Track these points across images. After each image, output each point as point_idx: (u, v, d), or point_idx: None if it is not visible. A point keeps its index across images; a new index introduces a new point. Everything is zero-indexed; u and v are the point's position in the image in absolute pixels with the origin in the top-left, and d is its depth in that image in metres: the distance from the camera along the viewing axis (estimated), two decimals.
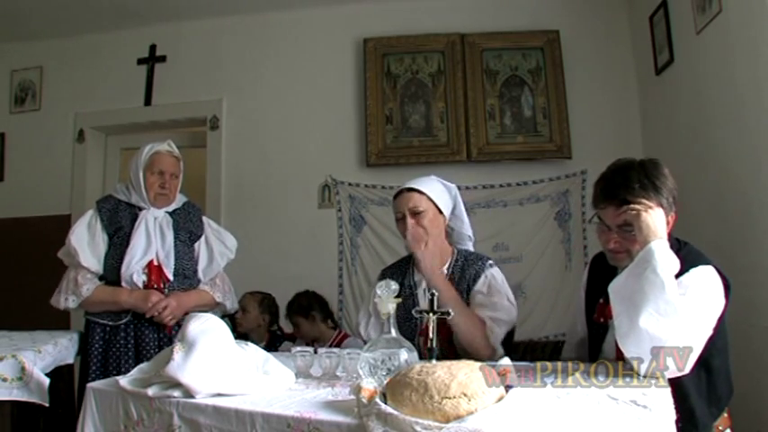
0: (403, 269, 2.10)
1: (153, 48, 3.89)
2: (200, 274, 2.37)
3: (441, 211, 2.01)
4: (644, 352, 1.34)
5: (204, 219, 2.45)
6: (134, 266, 2.18)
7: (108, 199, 2.36)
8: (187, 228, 2.35)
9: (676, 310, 1.33)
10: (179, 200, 2.40)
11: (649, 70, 3.22)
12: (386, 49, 3.60)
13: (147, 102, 3.87)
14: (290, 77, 3.73)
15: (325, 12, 3.72)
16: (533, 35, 3.51)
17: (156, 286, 2.20)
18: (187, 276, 2.30)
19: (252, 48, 3.79)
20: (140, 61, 3.89)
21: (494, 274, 1.98)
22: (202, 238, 2.39)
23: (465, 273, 1.99)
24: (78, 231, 2.26)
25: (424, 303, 1.93)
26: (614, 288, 1.44)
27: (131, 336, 2.21)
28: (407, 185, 2.03)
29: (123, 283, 2.17)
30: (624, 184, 1.51)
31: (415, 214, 1.97)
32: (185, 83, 3.82)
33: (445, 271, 2.01)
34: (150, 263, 2.22)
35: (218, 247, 2.41)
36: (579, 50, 3.50)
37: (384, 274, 2.11)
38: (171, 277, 2.23)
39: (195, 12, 3.75)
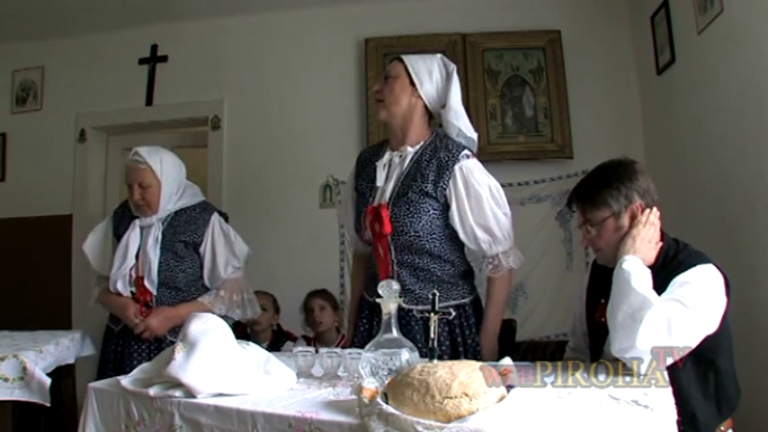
0: (378, 148, 2.08)
1: (154, 48, 3.89)
2: (207, 282, 2.29)
3: (413, 83, 1.90)
4: (634, 349, 1.36)
5: (214, 223, 2.29)
6: (114, 276, 2.19)
7: (123, 204, 2.37)
8: (184, 236, 2.24)
9: (649, 301, 1.38)
10: (184, 203, 2.30)
11: (651, 70, 3.22)
12: (387, 49, 3.59)
13: (149, 102, 3.87)
14: (291, 77, 3.73)
15: (326, 12, 3.71)
16: (535, 35, 3.51)
17: (144, 300, 2.19)
18: (179, 289, 2.23)
19: (253, 48, 3.79)
20: (142, 61, 3.89)
21: (471, 169, 1.84)
22: (207, 244, 2.26)
23: (434, 156, 1.87)
24: (92, 236, 2.35)
25: (381, 175, 1.91)
26: (607, 312, 1.51)
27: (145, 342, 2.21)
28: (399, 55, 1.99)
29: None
30: (579, 186, 1.68)
31: (387, 78, 1.94)
32: (187, 83, 3.82)
33: (411, 152, 1.91)
34: (138, 275, 2.19)
35: (222, 255, 2.26)
36: (581, 50, 3.49)
37: (361, 155, 2.14)
38: (153, 291, 2.18)
39: (197, 12, 3.74)
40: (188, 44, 3.85)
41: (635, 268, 1.47)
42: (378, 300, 1.42)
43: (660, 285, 1.46)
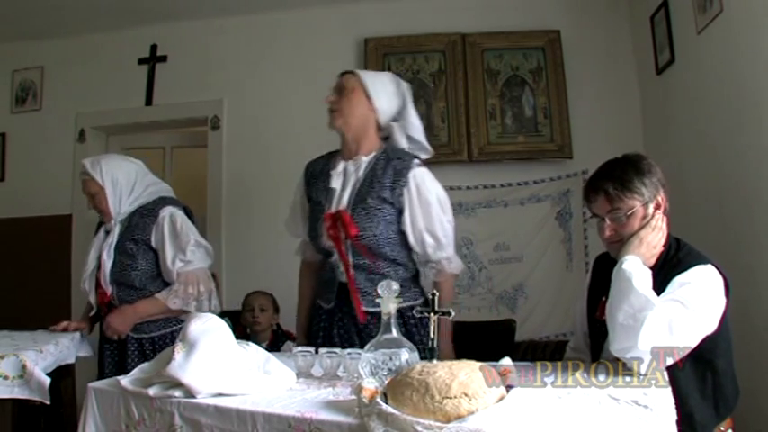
0: (327, 159, 2.13)
1: (154, 48, 3.89)
2: (165, 278, 2.29)
3: (369, 97, 1.99)
4: (634, 349, 1.36)
5: (164, 218, 2.26)
6: (82, 278, 2.32)
7: None
8: (133, 235, 2.26)
9: (651, 302, 1.38)
10: (141, 202, 2.30)
11: (650, 70, 3.22)
12: (387, 49, 3.59)
13: (148, 102, 3.87)
14: (290, 77, 3.73)
15: (326, 12, 3.72)
16: (534, 35, 3.51)
17: (104, 300, 2.28)
18: (135, 287, 2.25)
19: (253, 48, 3.79)
20: (141, 61, 3.89)
21: (423, 177, 1.94)
22: (158, 240, 2.25)
23: (389, 164, 1.95)
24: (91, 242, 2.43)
25: (337, 183, 1.98)
26: (606, 310, 1.50)
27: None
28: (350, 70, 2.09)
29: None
30: (607, 173, 1.63)
31: (341, 90, 2.01)
32: (186, 83, 3.82)
33: (365, 161, 1.99)
34: (98, 277, 2.28)
35: (170, 249, 2.24)
36: (580, 50, 3.49)
37: (310, 166, 2.18)
38: (108, 291, 2.25)
39: (196, 12, 3.74)
40: (188, 44, 3.85)
41: (636, 268, 1.47)
42: (377, 300, 1.43)
43: (659, 284, 1.47)
